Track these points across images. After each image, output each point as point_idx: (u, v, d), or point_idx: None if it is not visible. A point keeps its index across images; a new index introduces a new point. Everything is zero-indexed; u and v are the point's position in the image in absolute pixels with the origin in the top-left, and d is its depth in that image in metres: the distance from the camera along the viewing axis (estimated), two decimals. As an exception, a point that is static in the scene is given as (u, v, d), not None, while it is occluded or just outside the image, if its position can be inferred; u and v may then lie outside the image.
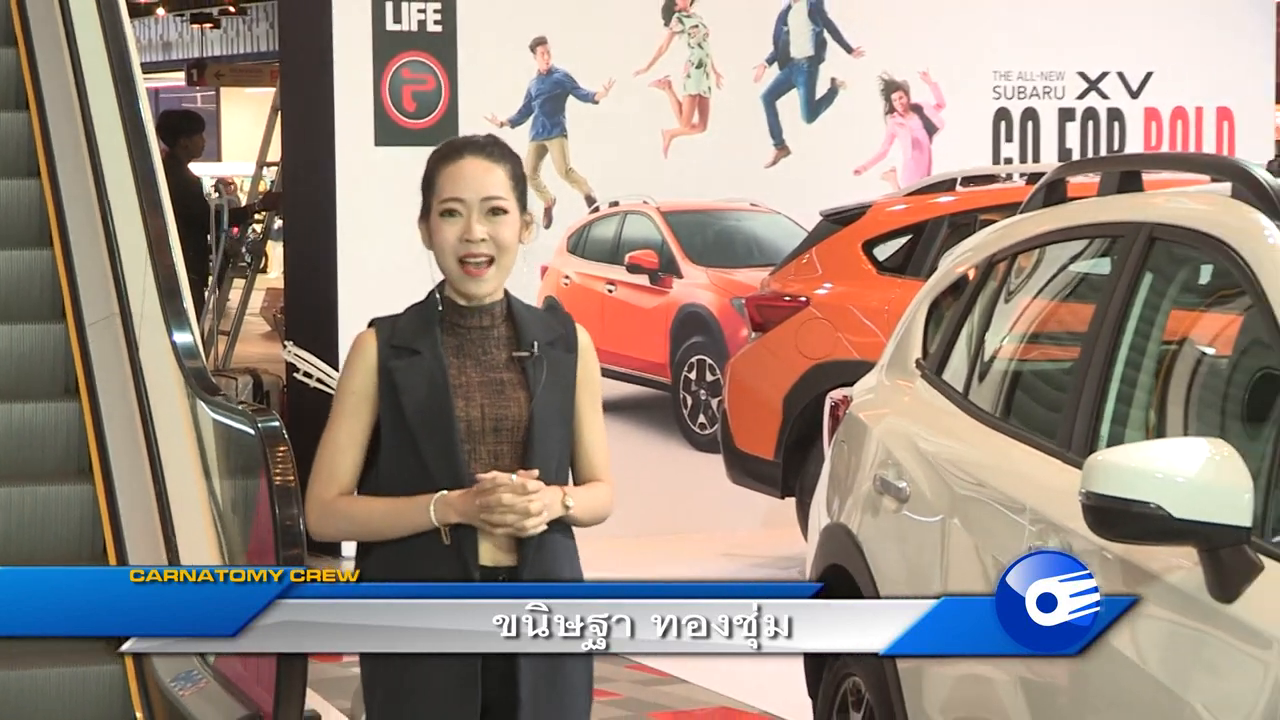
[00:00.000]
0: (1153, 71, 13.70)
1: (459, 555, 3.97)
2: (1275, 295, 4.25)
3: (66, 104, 9.12)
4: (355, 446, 4.10)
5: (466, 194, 4.03)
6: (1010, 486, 5.02)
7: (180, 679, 7.44)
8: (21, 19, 9.58)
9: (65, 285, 8.68)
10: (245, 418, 7.33)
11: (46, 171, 9.08)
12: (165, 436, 8.15)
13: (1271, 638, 3.86)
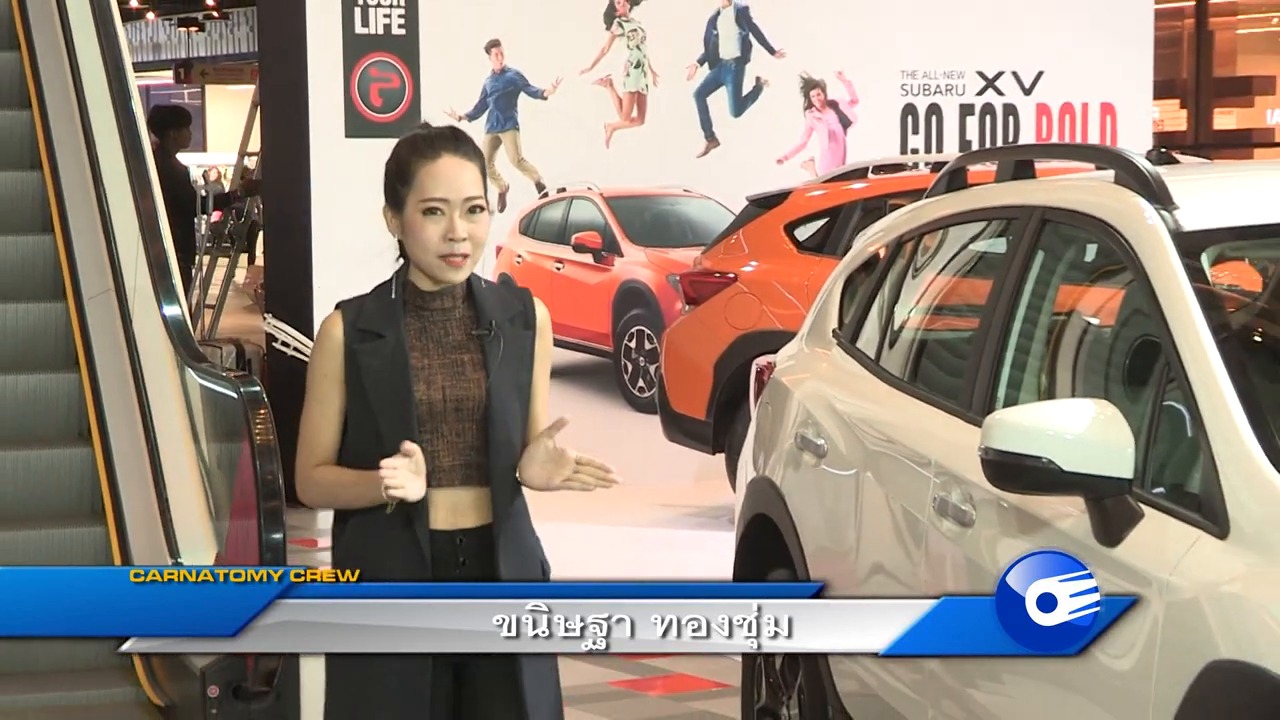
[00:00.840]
0: (1043, 71, 13.75)
1: (406, 522, 3.89)
2: (1153, 271, 4.26)
3: (65, 102, 9.08)
4: (331, 423, 4.03)
5: (450, 194, 3.93)
6: (917, 443, 5.03)
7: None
8: (23, 24, 9.54)
9: (65, 265, 8.65)
10: (229, 383, 7.31)
11: (48, 164, 9.05)
12: (156, 400, 8.12)
13: (1151, 577, 3.87)
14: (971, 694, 4.63)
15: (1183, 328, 4.09)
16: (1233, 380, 3.92)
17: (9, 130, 9.20)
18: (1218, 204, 4.53)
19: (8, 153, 9.13)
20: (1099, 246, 4.76)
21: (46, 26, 9.37)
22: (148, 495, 7.95)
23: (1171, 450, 4.04)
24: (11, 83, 9.39)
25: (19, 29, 9.56)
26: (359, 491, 3.93)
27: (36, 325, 8.49)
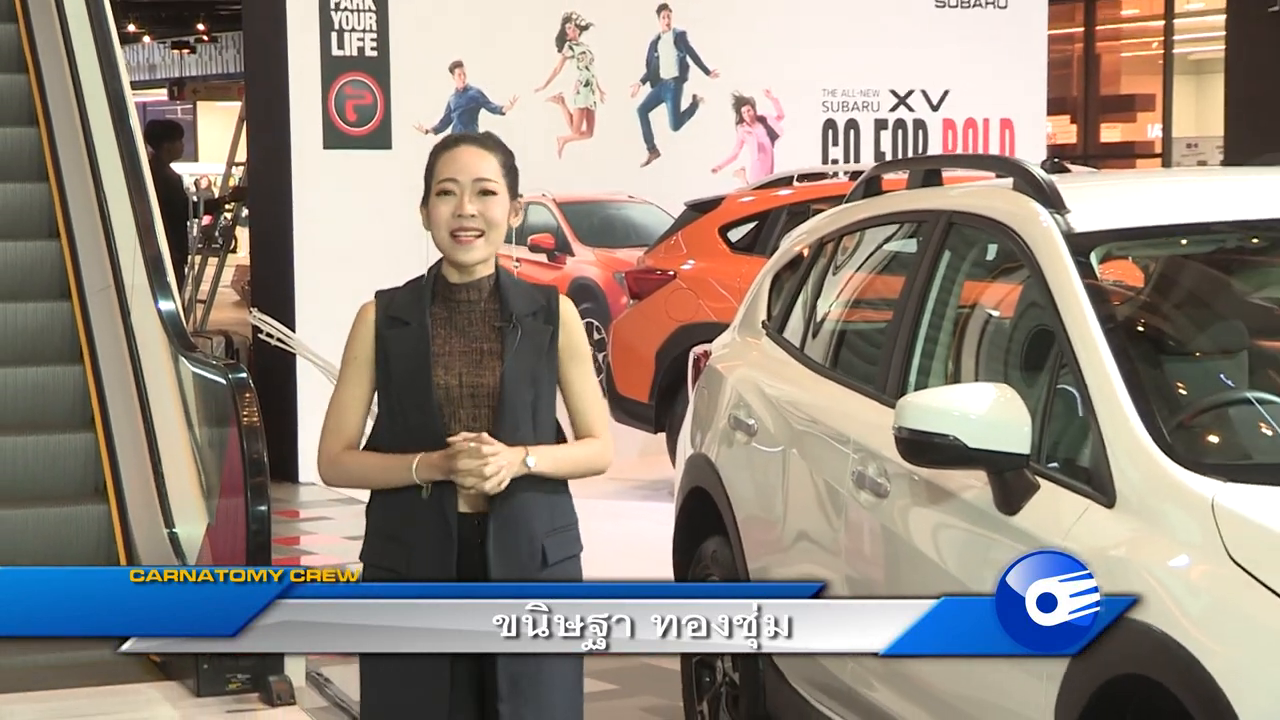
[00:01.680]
0: (949, 90, 13.78)
1: (439, 506, 3.81)
2: (1048, 268, 4.28)
3: (69, 119, 9.06)
4: (359, 405, 3.93)
5: (460, 175, 3.84)
6: (837, 423, 5.03)
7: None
8: (30, 49, 9.49)
9: (70, 267, 8.61)
10: (219, 370, 7.29)
11: (54, 176, 9.01)
12: (152, 385, 8.10)
13: (1046, 543, 3.88)
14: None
15: (1074, 319, 4.11)
16: (1118, 366, 3.94)
17: (19, 145, 9.17)
18: (1105, 209, 4.55)
19: (18, 167, 9.11)
20: (999, 246, 4.78)
21: (52, 50, 9.34)
22: (145, 472, 7.92)
23: (1064, 429, 4.06)
24: (21, 103, 9.35)
25: (27, 54, 9.52)
26: (387, 476, 3.85)
27: (44, 321, 8.46)
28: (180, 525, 7.71)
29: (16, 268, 8.63)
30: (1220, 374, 4.23)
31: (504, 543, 3.82)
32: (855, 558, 4.81)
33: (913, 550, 4.48)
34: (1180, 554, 3.53)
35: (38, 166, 9.07)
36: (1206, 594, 3.43)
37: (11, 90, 9.40)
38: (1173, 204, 4.79)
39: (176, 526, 7.72)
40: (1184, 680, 3.36)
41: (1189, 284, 4.68)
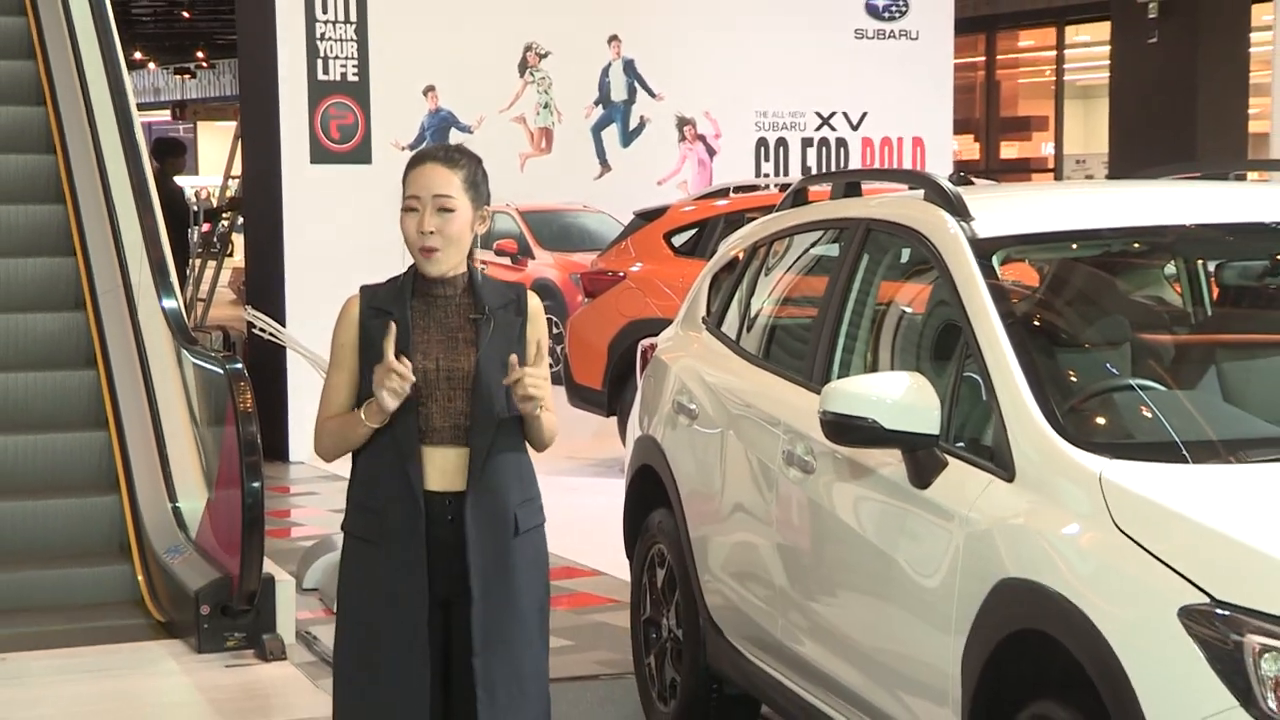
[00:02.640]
0: (868, 112, 13.81)
1: (404, 476, 3.76)
2: (955, 269, 4.29)
3: (83, 143, 9.06)
4: (347, 386, 3.88)
5: (422, 193, 3.81)
6: (769, 407, 5.04)
7: (170, 551, 7.37)
8: (48, 82, 9.46)
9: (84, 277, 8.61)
10: (217, 361, 7.27)
11: (69, 197, 9.00)
12: (157, 375, 8.08)
13: (954, 513, 3.90)
14: (812, 606, 4.64)
15: (978, 315, 4.12)
16: (1017, 356, 3.96)
17: (38, 170, 9.20)
18: (1005, 217, 4.56)
19: (38, 189, 9.13)
20: (912, 251, 4.78)
21: (67, 82, 9.32)
22: (150, 452, 7.89)
23: (969, 412, 4.07)
24: (40, 132, 9.33)
25: (45, 88, 9.49)
26: (350, 429, 3.81)
27: (62, 328, 8.47)
28: (182, 500, 7.69)
29: (37, 281, 8.62)
30: (1106, 363, 4.25)
31: (482, 513, 3.80)
32: (785, 527, 4.82)
33: (836, 520, 4.49)
34: (1072, 523, 3.55)
35: (55, 189, 9.09)
36: (1094, 558, 3.45)
37: (31, 120, 9.39)
38: (1064, 213, 4.82)
39: (179, 501, 7.69)
40: (1075, 634, 3.38)
41: (1079, 283, 4.70)
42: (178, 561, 7.25)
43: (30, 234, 8.81)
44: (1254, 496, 3.47)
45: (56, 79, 9.50)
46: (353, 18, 11.94)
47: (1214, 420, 3.97)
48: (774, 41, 13.44)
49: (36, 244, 8.79)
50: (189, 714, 6.07)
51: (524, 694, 3.82)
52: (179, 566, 7.18)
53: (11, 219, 8.83)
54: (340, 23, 11.92)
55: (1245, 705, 3.02)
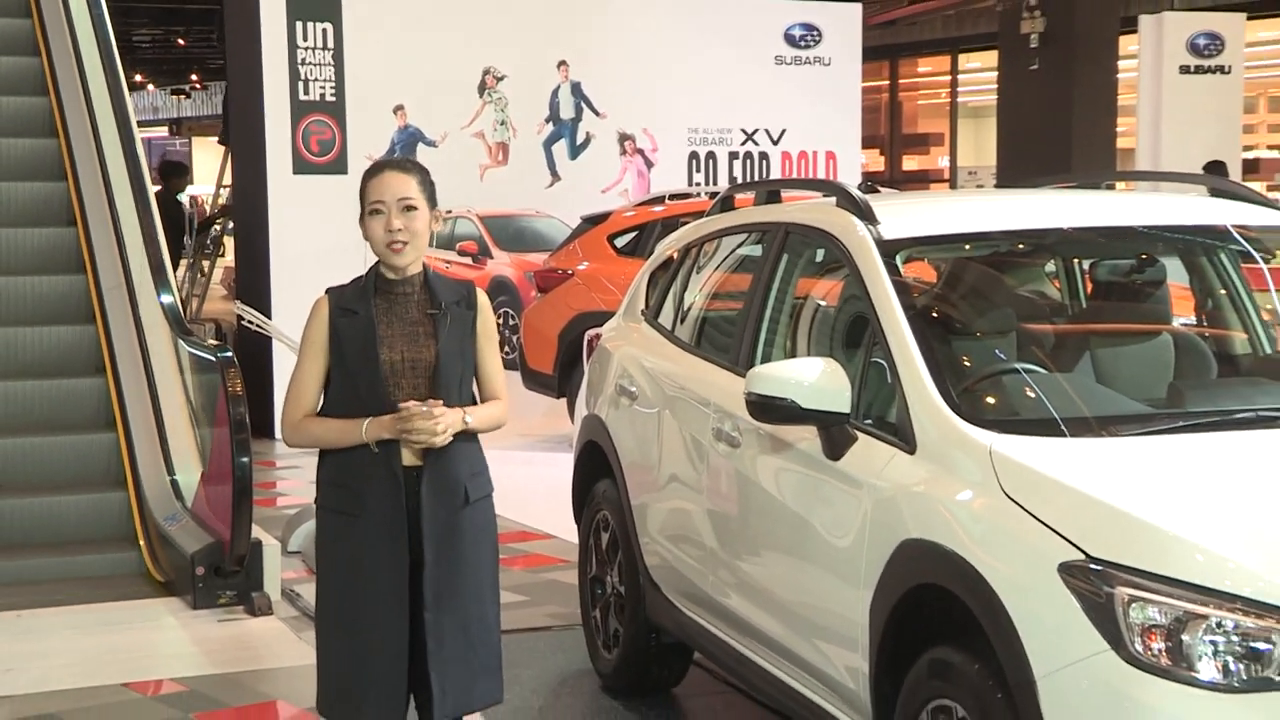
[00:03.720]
0: (786, 128, 13.85)
1: (386, 460, 3.75)
2: (863, 267, 4.29)
3: (92, 170, 9.03)
4: (315, 380, 3.85)
5: (386, 196, 3.79)
6: (701, 389, 5.04)
7: (169, 519, 7.33)
8: (60, 116, 9.40)
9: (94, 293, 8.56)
10: (209, 350, 7.25)
11: (80, 220, 8.96)
12: (157, 363, 8.04)
13: (862, 482, 3.91)
14: (739, 564, 4.65)
15: (883, 307, 4.13)
16: (917, 344, 3.97)
17: (52, 196, 9.15)
18: (907, 221, 4.57)
19: (52, 213, 9.08)
20: (826, 251, 4.79)
21: (77, 110, 9.25)
22: (150, 430, 7.85)
23: (876, 393, 4.08)
24: (54, 162, 9.27)
25: (57, 121, 9.41)
26: (343, 437, 3.78)
27: (75, 341, 8.40)
28: (179, 473, 7.65)
29: (51, 298, 8.58)
30: (995, 350, 4.26)
31: (436, 486, 3.79)
32: (714, 495, 4.82)
33: (759, 489, 4.50)
34: (965, 490, 3.56)
35: (67, 213, 9.04)
36: (985, 521, 3.46)
37: (46, 150, 9.37)
38: (958, 218, 4.83)
39: (176, 474, 7.66)
40: (968, 588, 3.39)
41: (971, 280, 4.72)
42: (175, 528, 7.22)
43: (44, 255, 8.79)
44: (1123, 466, 3.49)
45: (67, 107, 9.46)
46: (330, 44, 11.91)
47: (1088, 399, 4.00)
48: (704, 66, 13.47)
49: (51, 262, 8.74)
50: (186, 664, 6.04)
51: (471, 645, 3.82)
52: (176, 532, 7.15)
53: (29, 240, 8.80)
54: (319, 49, 11.87)
55: (1115, 648, 3.04)
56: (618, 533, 5.57)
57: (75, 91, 9.37)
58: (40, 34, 9.94)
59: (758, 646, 4.58)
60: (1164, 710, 2.96)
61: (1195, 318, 4.92)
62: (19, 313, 8.42)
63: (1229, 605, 2.99)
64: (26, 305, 8.47)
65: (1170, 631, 3.01)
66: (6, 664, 5.99)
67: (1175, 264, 4.89)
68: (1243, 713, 2.92)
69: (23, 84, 9.68)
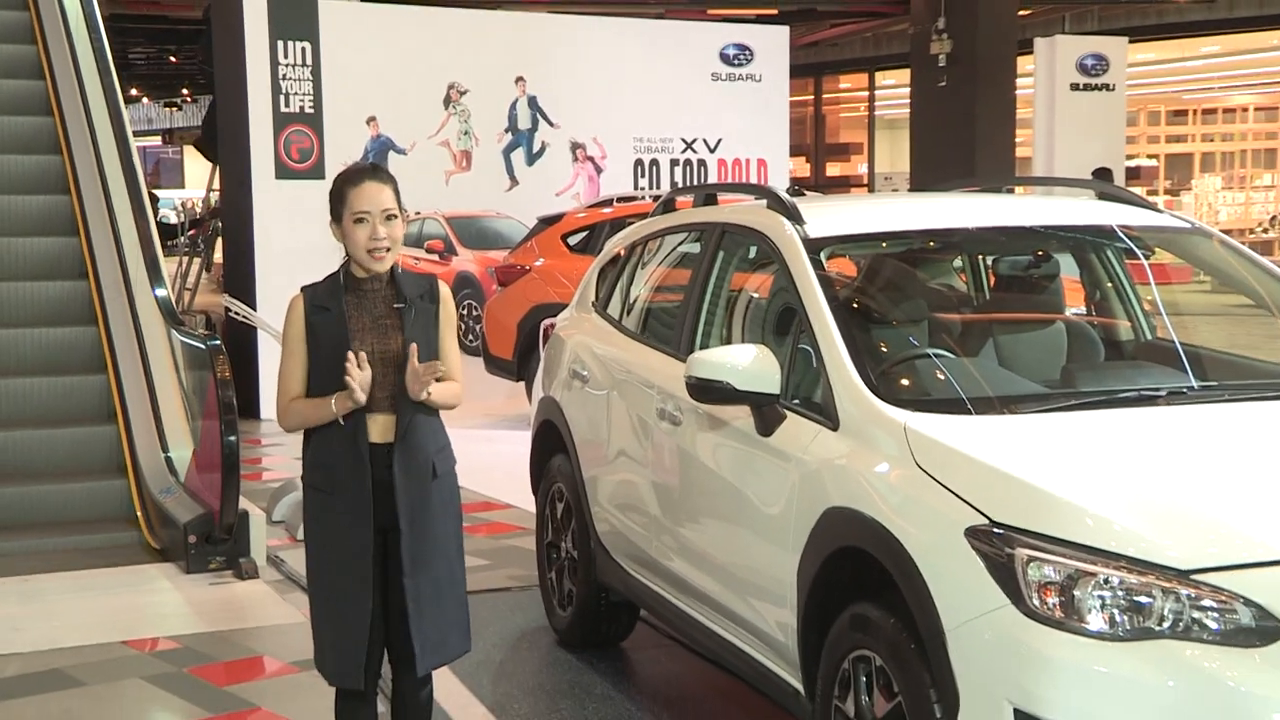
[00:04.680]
0: (722, 138, 13.86)
1: (353, 439, 3.71)
2: (791, 263, 4.29)
3: (93, 182, 8.97)
4: (300, 369, 3.78)
5: (371, 207, 3.72)
6: (645, 373, 5.04)
7: (163, 492, 7.28)
8: (64, 135, 9.31)
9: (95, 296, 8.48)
10: (199, 339, 7.18)
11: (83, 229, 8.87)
12: (152, 350, 7.98)
13: (791, 456, 3.91)
14: (681, 531, 4.65)
15: (809, 299, 4.13)
16: (840, 332, 3.97)
17: (57, 209, 9.07)
18: (830, 221, 4.57)
19: (57, 223, 8.98)
20: (758, 248, 4.79)
21: (80, 134, 9.17)
22: (146, 412, 7.79)
23: (803, 376, 4.08)
24: (59, 178, 9.19)
25: (61, 140, 9.31)
26: (321, 413, 3.73)
27: (79, 340, 8.32)
28: (173, 450, 7.61)
29: (57, 301, 8.50)
30: (909, 337, 4.27)
31: (408, 463, 3.77)
32: (658, 468, 4.82)
33: (698, 463, 4.50)
34: (883, 462, 3.57)
35: (70, 224, 8.95)
36: (900, 490, 3.47)
37: (50, 168, 9.22)
38: (876, 218, 4.85)
39: (170, 451, 7.61)
40: (885, 550, 3.40)
41: (888, 274, 4.73)
42: (170, 500, 7.17)
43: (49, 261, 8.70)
44: (1023, 440, 3.51)
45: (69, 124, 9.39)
46: (309, 61, 11.85)
47: (991, 381, 4.01)
48: (648, 82, 13.47)
49: (57, 269, 8.65)
50: (179, 623, 5.99)
51: (442, 604, 3.80)
52: (171, 503, 7.10)
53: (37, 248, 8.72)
54: (298, 65, 11.80)
55: (1015, 603, 3.06)
56: (571, 503, 5.56)
57: (77, 107, 9.29)
58: (44, 56, 9.84)
59: (697, 604, 4.58)
60: (1057, 658, 2.98)
61: (1085, 308, 4.96)
62: (28, 315, 8.33)
63: (1115, 564, 3.01)
64: (36, 308, 8.38)
65: (1063, 587, 3.03)
66: (15, 624, 5.94)
67: (1068, 260, 4.93)
68: (1127, 659, 2.94)
69: (28, 104, 9.57)
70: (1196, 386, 4.01)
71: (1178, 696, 2.89)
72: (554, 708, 4.97)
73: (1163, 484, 3.25)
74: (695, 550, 4.54)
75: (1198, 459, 3.42)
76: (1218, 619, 2.94)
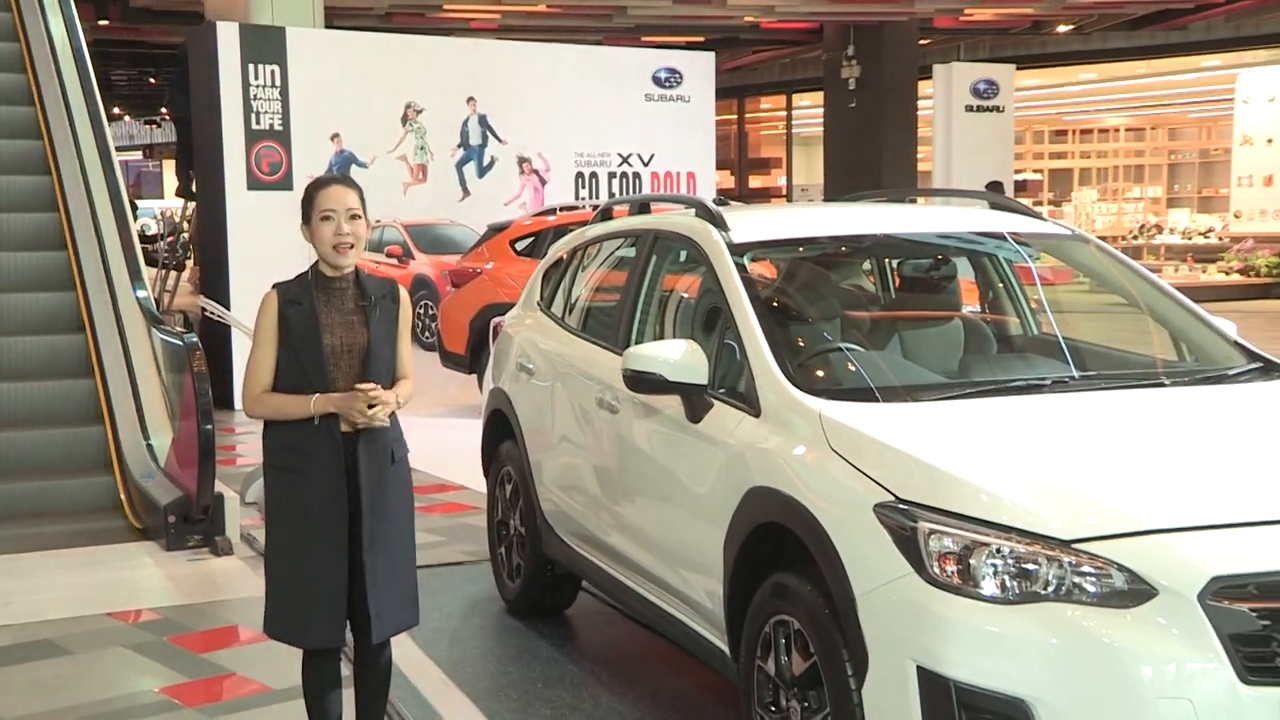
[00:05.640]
0: (655, 153, 13.84)
1: (328, 428, 3.66)
2: (718, 266, 4.30)
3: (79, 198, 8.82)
4: (270, 361, 3.72)
5: (337, 206, 3.68)
6: (586, 366, 5.02)
7: (145, 477, 7.19)
8: (53, 154, 9.14)
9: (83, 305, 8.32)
10: (178, 337, 7.10)
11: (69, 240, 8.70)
12: (134, 347, 7.89)
13: (718, 440, 3.91)
14: (619, 509, 4.65)
15: (733, 298, 4.14)
16: (761, 328, 3.98)
17: (48, 225, 8.89)
18: (752, 228, 4.58)
19: (48, 239, 8.81)
20: (687, 252, 4.79)
21: (67, 151, 9.03)
22: (130, 408, 7.71)
23: (728, 368, 4.08)
24: (49, 198, 9.03)
25: (50, 159, 9.17)
26: (295, 410, 3.67)
27: (68, 347, 8.15)
28: (154, 438, 7.52)
29: (46, 310, 8.33)
30: (823, 333, 4.29)
31: (370, 450, 3.73)
32: (598, 452, 4.81)
33: (634, 447, 4.49)
34: (800, 446, 3.58)
35: (59, 238, 8.80)
36: (816, 471, 3.48)
37: (41, 186, 9.09)
38: (794, 225, 4.85)
39: (151, 439, 7.52)
40: (803, 525, 3.41)
41: (804, 275, 4.74)
42: (151, 484, 7.08)
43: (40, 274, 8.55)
44: (925, 425, 3.53)
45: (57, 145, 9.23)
46: (277, 83, 11.73)
47: (897, 372, 4.04)
48: (588, 102, 13.45)
49: (46, 280, 8.51)
50: (160, 595, 5.92)
51: (397, 578, 3.78)
52: (152, 487, 7.02)
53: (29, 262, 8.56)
54: (268, 86, 11.69)
55: (918, 571, 3.08)
56: (519, 484, 5.54)
57: (64, 126, 9.14)
58: (33, 81, 9.67)
59: (634, 575, 4.58)
60: (955, 620, 3.00)
61: (979, 306, 5.00)
62: (20, 324, 8.18)
63: (1006, 535, 3.04)
64: (28, 318, 8.23)
65: (960, 557, 3.05)
66: (7, 598, 5.84)
67: (964, 263, 4.97)
68: (1016, 620, 2.97)
69: (18, 128, 9.39)
70: (1077, 376, 4.05)
71: (1060, 652, 2.92)
72: (504, 670, 4.95)
73: (1047, 464, 3.28)
74: (632, 526, 4.53)
75: (1078, 441, 3.46)
76: (1095, 583, 2.97)
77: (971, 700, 2.95)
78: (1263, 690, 2.85)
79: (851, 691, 3.21)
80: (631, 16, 18.42)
